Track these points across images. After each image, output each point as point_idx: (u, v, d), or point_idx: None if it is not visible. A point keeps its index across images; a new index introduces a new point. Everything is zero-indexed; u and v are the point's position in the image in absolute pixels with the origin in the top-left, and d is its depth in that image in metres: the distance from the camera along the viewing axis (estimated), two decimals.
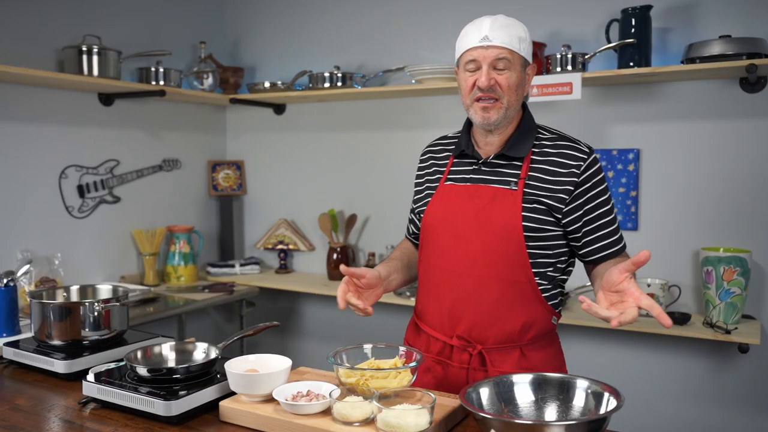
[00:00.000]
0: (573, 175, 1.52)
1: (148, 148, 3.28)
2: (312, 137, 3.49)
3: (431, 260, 1.63)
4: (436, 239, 1.61)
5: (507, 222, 1.51)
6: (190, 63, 3.47)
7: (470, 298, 1.55)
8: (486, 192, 1.55)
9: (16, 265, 2.62)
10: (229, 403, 1.41)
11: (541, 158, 1.56)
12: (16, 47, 2.68)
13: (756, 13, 2.44)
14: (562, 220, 1.53)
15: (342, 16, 3.35)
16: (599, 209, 1.55)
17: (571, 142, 1.57)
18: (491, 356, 1.56)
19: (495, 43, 1.49)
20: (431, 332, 1.64)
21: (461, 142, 1.65)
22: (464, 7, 3.00)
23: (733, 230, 2.53)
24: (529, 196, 1.52)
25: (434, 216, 1.62)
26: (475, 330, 1.56)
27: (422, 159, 1.77)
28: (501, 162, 1.57)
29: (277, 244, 3.51)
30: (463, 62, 1.55)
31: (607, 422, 1.17)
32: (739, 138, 2.50)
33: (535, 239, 1.52)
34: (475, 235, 1.54)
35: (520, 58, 1.53)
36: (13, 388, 1.64)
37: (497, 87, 1.51)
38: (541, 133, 1.60)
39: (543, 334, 1.61)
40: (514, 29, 1.52)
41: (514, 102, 1.53)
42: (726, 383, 2.57)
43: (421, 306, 1.69)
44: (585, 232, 1.55)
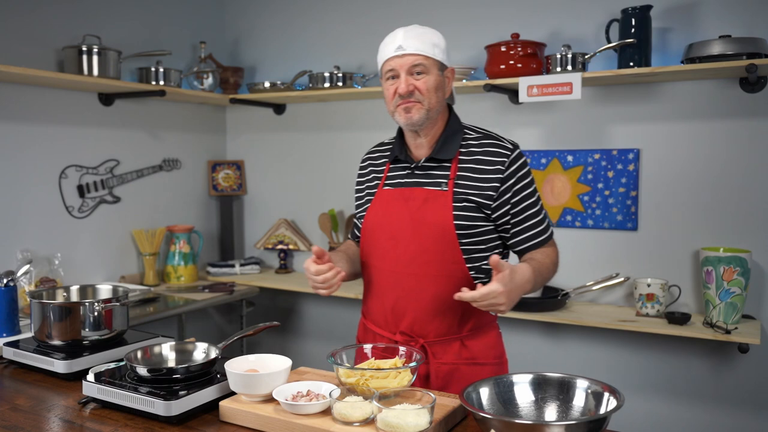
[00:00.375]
0: (498, 172, 1.62)
1: (148, 148, 3.28)
2: (312, 137, 3.49)
3: (372, 262, 1.72)
4: (375, 242, 1.71)
5: (439, 222, 1.61)
6: (190, 63, 3.47)
7: (410, 296, 1.65)
8: (419, 194, 1.65)
9: (16, 265, 2.62)
10: (229, 403, 1.42)
11: (468, 158, 1.66)
12: (16, 47, 2.68)
13: (756, 13, 2.44)
14: (492, 215, 1.64)
15: (342, 16, 3.35)
16: (525, 201, 1.65)
17: (495, 140, 1.67)
18: (433, 349, 1.65)
19: (409, 51, 1.59)
20: (376, 330, 1.74)
21: (395, 148, 1.74)
22: (464, 8, 3.00)
23: (733, 230, 2.53)
24: (459, 196, 1.62)
25: (373, 220, 1.72)
26: (416, 325, 1.65)
27: (362, 166, 1.87)
28: (432, 164, 1.67)
29: (277, 244, 3.51)
30: (384, 72, 1.65)
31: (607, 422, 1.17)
32: (739, 138, 2.50)
33: (467, 236, 1.62)
34: (411, 236, 1.63)
35: (436, 62, 1.62)
36: (13, 388, 1.64)
37: (416, 91, 1.60)
38: (467, 133, 1.70)
39: (482, 325, 1.70)
40: (427, 36, 1.62)
41: (435, 104, 1.63)
42: (726, 383, 2.57)
43: (366, 306, 1.80)
44: (513, 224, 1.66)
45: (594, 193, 2.76)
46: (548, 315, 2.59)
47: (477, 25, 2.97)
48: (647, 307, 2.54)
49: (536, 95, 2.56)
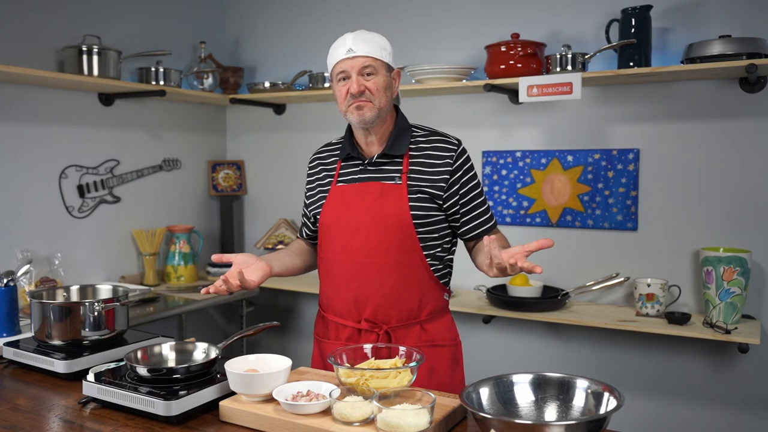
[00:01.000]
0: (447, 165, 1.74)
1: (148, 148, 3.28)
2: (312, 137, 3.49)
3: (332, 255, 1.79)
4: (334, 236, 1.78)
5: (397, 213, 1.71)
6: (190, 63, 3.47)
7: (373, 284, 1.73)
8: (374, 188, 1.74)
9: (16, 265, 2.62)
10: (229, 403, 1.42)
11: (418, 153, 1.76)
12: (16, 47, 2.68)
13: (756, 13, 2.44)
14: (443, 205, 1.75)
15: (342, 16, 3.35)
16: (472, 192, 1.78)
17: (442, 137, 1.79)
18: (395, 334, 1.74)
19: (359, 53, 1.69)
20: (339, 320, 1.80)
21: (346, 146, 1.83)
22: (464, 8, 3.00)
23: (733, 230, 2.53)
24: (412, 188, 1.72)
25: (330, 215, 1.79)
26: (380, 312, 1.74)
27: (311, 166, 1.95)
28: (384, 161, 1.77)
29: (277, 244, 3.51)
30: (335, 74, 1.73)
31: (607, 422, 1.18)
32: (739, 138, 2.50)
33: (423, 225, 1.72)
34: (370, 227, 1.72)
35: (384, 64, 1.72)
36: (13, 388, 1.64)
37: (367, 91, 1.69)
38: (414, 130, 1.81)
39: (438, 310, 1.80)
40: (375, 40, 1.71)
41: (384, 103, 1.72)
42: (726, 383, 2.57)
43: (326, 299, 1.85)
44: (462, 213, 1.78)
45: (594, 193, 2.76)
46: (548, 315, 2.59)
47: (477, 25, 2.97)
48: (647, 307, 2.54)
49: (536, 95, 2.56)
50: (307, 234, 1.99)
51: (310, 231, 1.97)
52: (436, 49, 3.09)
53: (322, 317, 1.89)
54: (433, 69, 2.81)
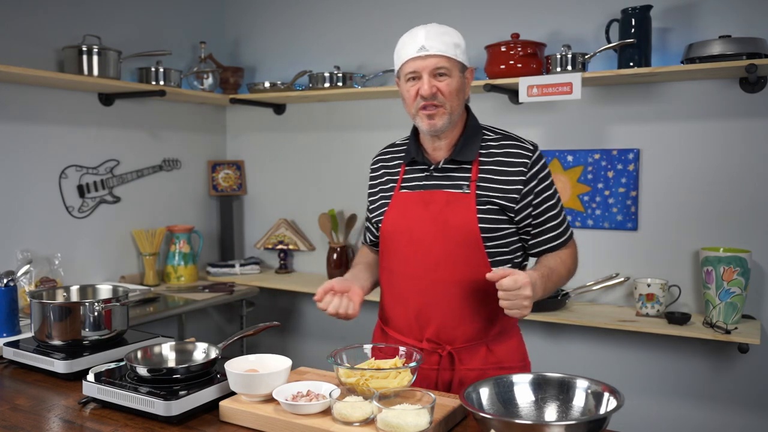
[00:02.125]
0: (521, 174, 1.59)
1: (148, 148, 3.28)
2: (312, 137, 3.49)
3: (393, 267, 1.67)
4: (396, 247, 1.66)
5: (463, 225, 1.57)
6: (190, 63, 3.47)
7: (436, 302, 1.60)
8: (440, 197, 1.61)
9: (16, 265, 2.62)
10: (229, 403, 1.42)
11: (489, 159, 1.62)
12: (16, 47, 2.68)
13: (756, 13, 2.44)
14: (515, 217, 1.60)
15: (342, 16, 3.35)
16: (546, 203, 1.62)
17: (515, 141, 1.64)
18: (460, 355, 1.61)
19: (432, 52, 1.54)
20: (399, 337, 1.68)
21: (410, 149, 1.69)
22: (464, 8, 3.00)
23: (733, 230, 2.53)
24: (481, 198, 1.58)
25: (392, 224, 1.67)
26: (443, 332, 1.61)
27: (373, 168, 1.82)
28: (451, 167, 1.63)
29: (277, 244, 3.51)
30: (404, 73, 1.60)
31: (607, 422, 1.17)
32: (739, 138, 2.50)
33: (491, 239, 1.58)
34: (434, 239, 1.59)
35: (458, 63, 1.58)
36: (13, 388, 1.64)
37: (439, 94, 1.56)
38: (486, 134, 1.66)
39: (506, 329, 1.67)
40: (449, 36, 1.57)
41: (456, 107, 1.59)
42: (726, 383, 2.57)
43: (386, 312, 1.73)
44: (534, 226, 1.63)
45: (594, 193, 2.76)
46: (548, 315, 2.59)
47: (477, 25, 2.96)
48: (647, 307, 2.54)
49: (536, 95, 2.56)
50: (371, 240, 1.87)
51: (374, 237, 1.84)
52: None
53: (382, 330, 1.76)
54: None
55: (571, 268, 1.67)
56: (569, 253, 1.68)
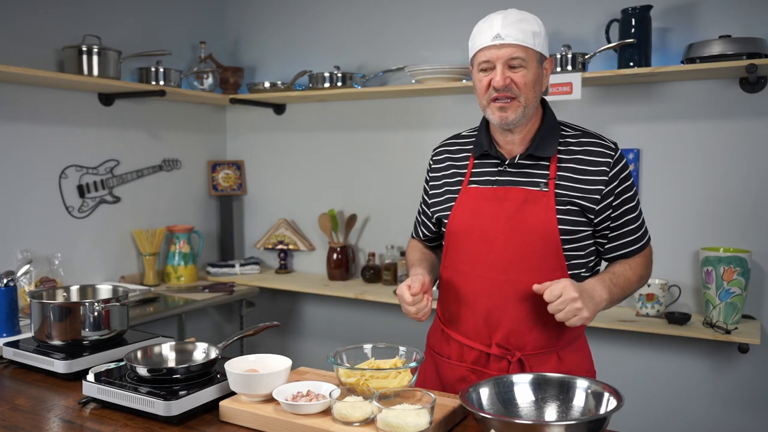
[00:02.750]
0: (603, 174, 1.50)
1: (148, 148, 3.28)
2: (312, 137, 3.49)
3: (460, 267, 1.58)
4: (464, 245, 1.56)
5: (542, 225, 1.48)
6: (190, 63, 3.47)
7: (507, 305, 1.51)
8: (517, 194, 1.51)
9: (16, 265, 2.62)
10: (229, 403, 1.41)
11: (568, 157, 1.52)
12: (16, 47, 2.68)
13: (756, 13, 2.44)
14: (594, 219, 1.51)
15: (342, 16, 3.35)
16: (626, 205, 1.54)
17: (596, 139, 1.54)
18: (530, 362, 1.53)
19: (508, 41, 1.44)
20: (465, 341, 1.59)
21: (481, 142, 1.58)
22: (464, 8, 3.00)
23: (733, 230, 2.53)
24: (561, 198, 1.49)
25: (461, 221, 1.57)
26: (513, 337, 1.52)
27: (437, 159, 1.70)
28: (527, 162, 1.53)
29: (277, 244, 3.51)
30: (477, 62, 1.50)
31: (607, 422, 1.17)
32: (739, 138, 2.50)
33: (569, 241, 1.49)
34: (509, 239, 1.50)
35: (536, 53, 1.47)
36: (13, 388, 1.64)
37: (513, 86, 1.46)
38: (564, 130, 1.57)
39: (576, 337, 1.59)
40: (527, 24, 1.47)
41: (531, 100, 1.49)
42: (726, 383, 2.57)
43: (450, 314, 1.63)
44: (612, 229, 1.54)
45: None
46: None
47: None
48: (647, 307, 2.54)
49: None
50: (425, 235, 1.76)
51: (431, 233, 1.73)
52: (436, 49, 3.09)
53: (443, 333, 1.66)
54: (433, 69, 2.81)
55: (642, 274, 1.58)
56: (641, 261, 1.58)
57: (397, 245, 3.19)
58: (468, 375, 1.59)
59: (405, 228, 3.12)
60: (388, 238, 3.24)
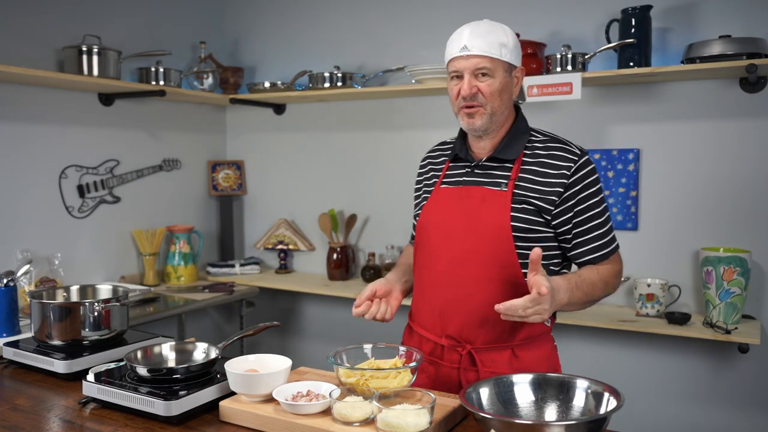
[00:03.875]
0: (563, 177, 1.55)
1: (148, 148, 3.28)
2: (312, 137, 3.49)
3: (423, 262, 1.66)
4: (427, 241, 1.65)
5: (496, 222, 1.54)
6: (190, 63, 3.47)
7: (460, 299, 1.58)
8: (476, 193, 1.59)
9: (16, 265, 2.62)
10: (229, 403, 1.41)
11: (532, 160, 1.59)
12: (16, 47, 2.68)
13: (756, 13, 2.44)
14: (552, 221, 1.56)
15: (342, 16, 3.35)
16: (590, 211, 1.57)
17: (562, 144, 1.60)
18: (481, 356, 1.58)
19: (474, 53, 1.53)
20: (423, 332, 1.67)
21: (456, 146, 1.69)
22: (464, 8, 3.00)
23: (733, 230, 2.53)
24: (518, 197, 1.55)
25: (427, 218, 1.66)
26: (465, 330, 1.58)
27: (422, 165, 1.82)
28: (493, 164, 1.61)
29: (277, 244, 3.51)
30: (449, 71, 1.60)
31: (607, 422, 1.17)
32: (739, 138, 2.50)
33: (524, 239, 1.54)
34: (465, 235, 1.57)
35: (503, 63, 1.56)
36: (13, 388, 1.64)
37: (479, 94, 1.55)
38: (534, 135, 1.64)
39: (536, 335, 1.61)
40: (494, 36, 1.55)
41: (498, 107, 1.57)
42: (726, 383, 2.57)
43: (414, 307, 1.73)
44: (575, 234, 1.57)
45: None
46: None
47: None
48: (647, 307, 2.54)
49: (536, 95, 2.56)
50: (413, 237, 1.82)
51: None
52: (436, 49, 3.08)
53: (409, 326, 1.76)
54: (433, 69, 2.81)
55: (609, 281, 1.59)
56: (610, 268, 1.60)
57: (397, 245, 3.19)
58: (426, 366, 1.66)
59: (405, 228, 3.12)
60: (388, 238, 3.24)
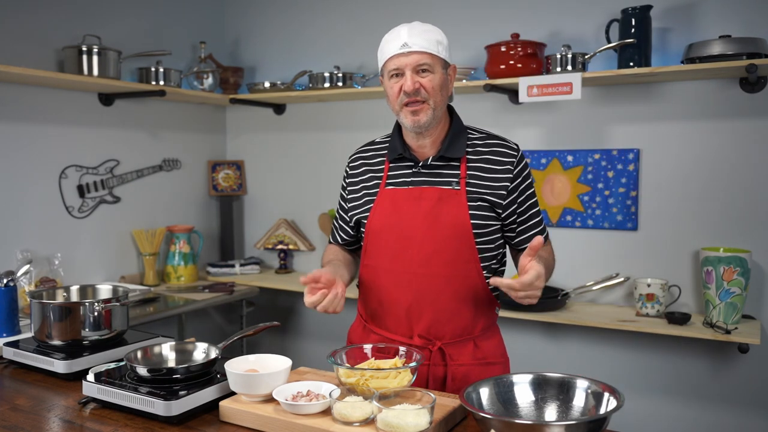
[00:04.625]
0: (508, 172, 1.62)
1: (148, 148, 3.28)
2: (312, 137, 3.49)
3: (381, 264, 1.66)
4: (384, 243, 1.65)
5: (456, 221, 1.59)
6: (190, 63, 3.47)
7: (427, 297, 1.61)
8: (431, 194, 1.61)
9: (16, 265, 2.62)
10: (229, 403, 1.41)
11: (476, 157, 1.64)
12: (16, 47, 2.68)
13: (756, 13, 2.44)
14: (502, 214, 1.63)
15: (342, 16, 3.35)
16: (529, 200, 1.67)
17: (500, 140, 1.68)
18: (449, 350, 1.63)
19: (415, 49, 1.56)
20: (386, 334, 1.68)
21: (395, 146, 1.68)
22: (464, 8, 3.00)
23: (733, 230, 2.53)
24: (472, 195, 1.60)
25: (380, 221, 1.66)
26: (434, 327, 1.62)
27: (353, 165, 1.81)
28: (439, 164, 1.64)
29: (277, 244, 3.51)
30: (387, 70, 1.61)
31: (607, 422, 1.17)
32: (739, 138, 2.50)
33: (481, 235, 1.61)
34: (426, 235, 1.60)
35: (440, 60, 1.60)
36: (13, 388, 1.64)
37: (422, 90, 1.57)
38: (470, 133, 1.68)
39: (489, 325, 1.71)
40: (431, 34, 1.59)
41: (440, 102, 1.60)
42: (726, 383, 2.57)
43: (372, 310, 1.72)
44: (519, 223, 1.67)
45: (594, 193, 2.76)
46: (548, 315, 2.59)
47: (477, 25, 2.96)
48: (647, 307, 2.54)
49: (536, 95, 2.56)
50: (343, 239, 1.84)
51: (349, 236, 1.82)
52: None
53: (365, 328, 1.76)
54: None
55: (553, 260, 1.73)
56: (550, 250, 1.74)
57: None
58: None
59: None
60: None
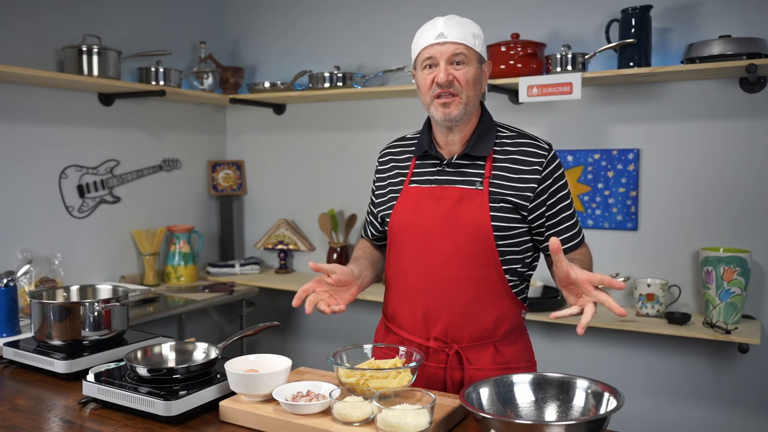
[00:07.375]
0: (536, 173, 1.56)
1: (148, 148, 3.28)
2: (312, 137, 3.49)
3: (401, 264, 1.63)
4: (405, 243, 1.62)
5: (476, 222, 1.54)
6: (190, 63, 3.47)
7: (444, 300, 1.57)
8: (452, 193, 1.57)
9: (16, 265, 2.62)
10: (229, 403, 1.41)
11: (503, 156, 1.58)
12: (16, 47, 2.68)
13: (756, 13, 2.44)
14: (528, 216, 1.57)
15: (342, 16, 3.35)
16: (560, 203, 1.59)
17: (530, 140, 1.60)
18: (467, 354, 1.59)
19: (450, 39, 1.52)
20: (405, 335, 1.65)
21: (423, 142, 1.65)
22: (464, 8, 3.00)
23: (733, 230, 2.53)
24: (495, 195, 1.55)
25: (401, 219, 1.63)
26: (451, 330, 1.58)
27: (382, 161, 1.77)
28: (464, 162, 1.59)
29: (277, 244, 3.51)
30: (421, 61, 1.57)
31: (607, 422, 1.17)
32: (739, 138, 2.50)
33: (503, 237, 1.55)
34: (445, 236, 1.56)
35: (476, 53, 1.55)
36: (13, 388, 1.64)
37: (455, 82, 1.52)
38: (500, 131, 1.63)
39: (513, 329, 1.64)
40: (467, 26, 1.55)
41: (472, 97, 1.55)
42: (726, 383, 2.57)
43: (392, 309, 1.70)
44: (548, 227, 1.59)
45: (594, 193, 2.76)
46: (548, 315, 2.59)
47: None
48: (647, 307, 2.54)
49: (536, 95, 2.56)
50: (373, 234, 1.83)
51: (378, 232, 1.80)
52: None
53: (386, 327, 1.73)
54: None
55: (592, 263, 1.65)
56: (588, 252, 1.65)
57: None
58: None
59: None
60: None
